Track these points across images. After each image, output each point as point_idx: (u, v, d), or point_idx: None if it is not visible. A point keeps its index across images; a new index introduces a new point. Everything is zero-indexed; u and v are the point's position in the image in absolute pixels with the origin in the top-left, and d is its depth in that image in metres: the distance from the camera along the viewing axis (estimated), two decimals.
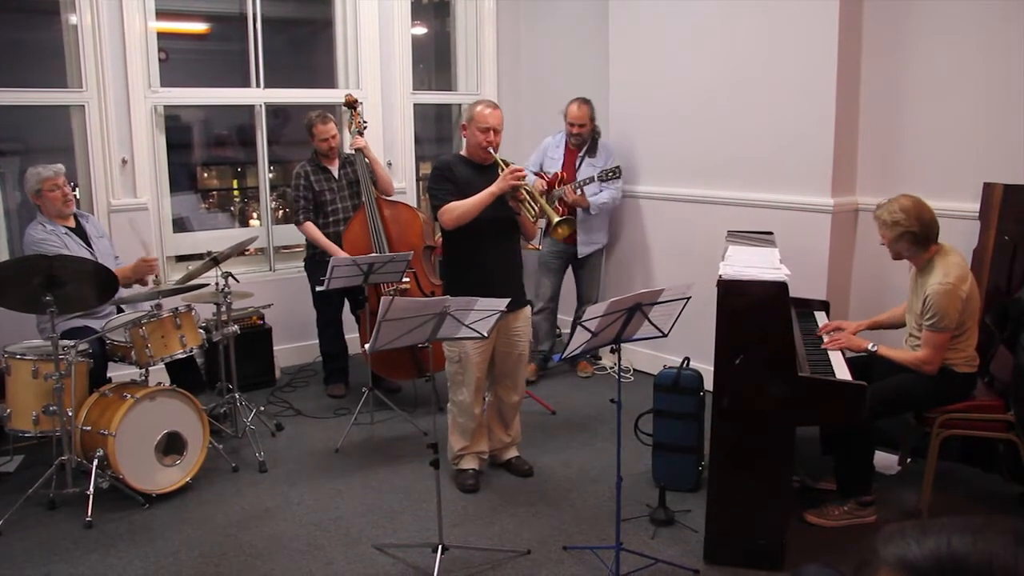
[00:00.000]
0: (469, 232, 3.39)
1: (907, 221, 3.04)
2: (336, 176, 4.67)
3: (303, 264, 4.89)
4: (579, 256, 4.99)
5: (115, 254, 4.17)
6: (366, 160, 4.65)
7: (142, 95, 4.75)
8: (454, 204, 3.36)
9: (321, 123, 4.58)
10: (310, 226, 4.58)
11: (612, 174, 4.37)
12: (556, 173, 4.85)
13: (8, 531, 3.22)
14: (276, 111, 6.07)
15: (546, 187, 4.11)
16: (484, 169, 3.49)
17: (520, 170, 3.37)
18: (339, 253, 4.43)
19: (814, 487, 3.43)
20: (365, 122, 4.78)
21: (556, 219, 3.33)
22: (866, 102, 4.11)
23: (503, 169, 3.39)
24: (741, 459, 2.85)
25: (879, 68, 4.03)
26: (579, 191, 4.72)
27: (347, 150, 4.84)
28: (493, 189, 3.33)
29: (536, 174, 4.87)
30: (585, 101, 4.84)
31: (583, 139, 4.87)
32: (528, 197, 3.39)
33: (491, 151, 3.45)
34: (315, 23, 6.41)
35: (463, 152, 3.58)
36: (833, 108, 3.99)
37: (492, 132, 3.43)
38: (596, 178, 4.54)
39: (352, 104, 4.72)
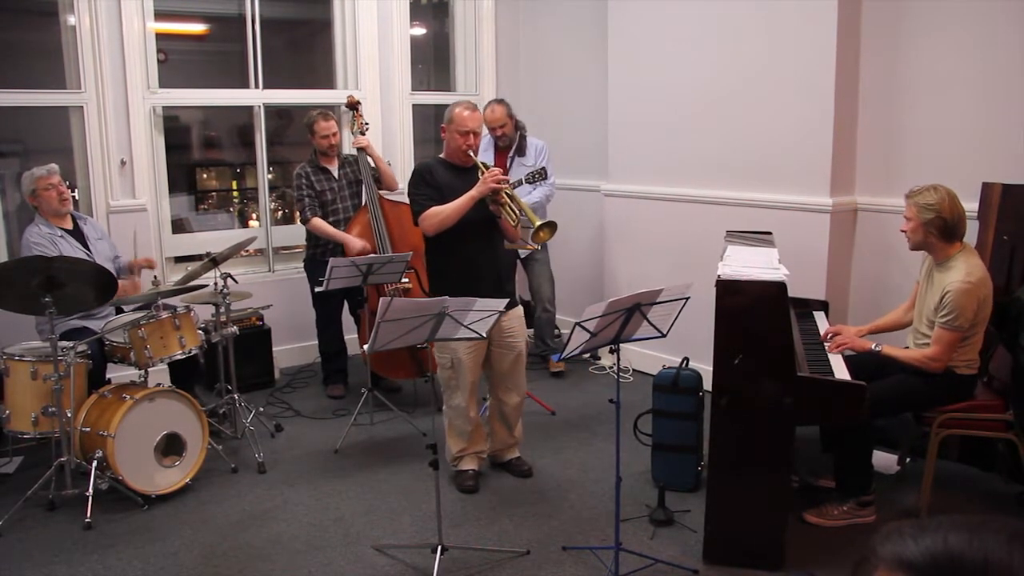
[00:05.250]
0: (451, 235, 3.36)
1: (940, 207, 3.03)
2: (336, 176, 4.68)
3: (303, 264, 4.89)
4: (520, 256, 5.00)
5: (116, 254, 4.17)
6: (368, 159, 4.67)
7: (141, 96, 4.75)
8: (435, 210, 3.34)
9: (323, 120, 4.60)
10: (318, 221, 4.58)
11: (538, 176, 4.38)
12: None
13: (8, 532, 3.22)
14: (279, 112, 6.10)
15: None
16: (464, 172, 3.47)
17: (500, 173, 3.35)
18: (353, 241, 4.47)
19: (814, 484, 3.43)
20: (367, 123, 4.81)
21: (537, 222, 3.29)
22: (865, 101, 4.11)
23: (483, 172, 3.38)
24: (740, 459, 2.85)
25: (878, 67, 4.03)
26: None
27: (347, 151, 4.86)
28: (473, 193, 3.31)
29: None
30: (499, 101, 4.82)
31: (509, 139, 4.86)
32: (509, 201, 3.35)
33: (471, 154, 3.43)
34: (314, 24, 6.41)
35: (443, 155, 3.56)
36: (832, 108, 3.99)
37: (472, 135, 3.41)
38: (523, 180, 4.51)
39: (354, 105, 4.74)
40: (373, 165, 4.70)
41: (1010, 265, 3.51)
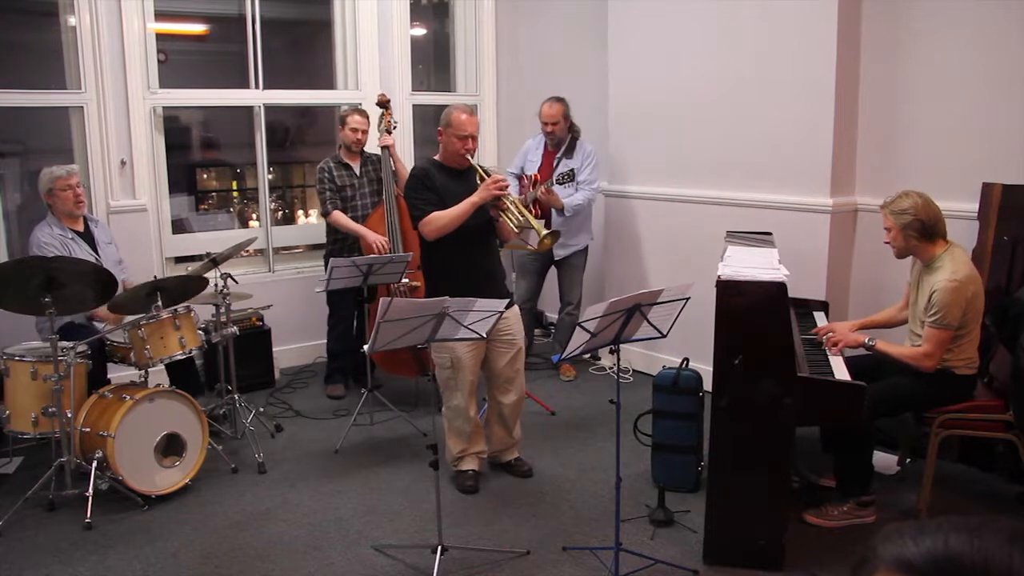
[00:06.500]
0: (449, 239, 3.36)
1: (915, 209, 3.06)
2: (357, 173, 4.72)
3: (323, 259, 4.91)
4: (556, 258, 5.00)
5: (120, 259, 4.18)
6: (391, 160, 4.70)
7: (141, 96, 4.75)
8: (436, 215, 3.33)
9: (358, 114, 4.70)
10: (338, 214, 4.62)
11: (566, 177, 4.36)
12: (532, 176, 4.84)
13: (8, 532, 3.21)
14: (303, 111, 6.14)
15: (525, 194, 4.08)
16: (461, 175, 3.46)
17: (502, 180, 3.35)
18: (368, 234, 4.51)
19: (816, 482, 3.43)
20: (396, 122, 4.85)
21: (543, 232, 3.28)
22: (865, 102, 4.11)
23: (481, 176, 3.37)
24: (740, 459, 2.85)
25: (878, 67, 4.03)
26: (551, 192, 4.69)
27: (369, 150, 4.88)
28: (474, 199, 3.30)
29: (517, 176, 4.89)
30: (558, 100, 4.84)
31: (558, 139, 4.86)
32: (511, 207, 3.34)
33: (468, 157, 3.43)
34: (314, 24, 6.42)
35: (438, 157, 3.54)
36: (832, 108, 3.99)
37: (470, 139, 3.41)
38: (555, 181, 4.48)
39: (385, 103, 4.80)
40: (394, 168, 4.73)
41: (1010, 265, 3.51)
